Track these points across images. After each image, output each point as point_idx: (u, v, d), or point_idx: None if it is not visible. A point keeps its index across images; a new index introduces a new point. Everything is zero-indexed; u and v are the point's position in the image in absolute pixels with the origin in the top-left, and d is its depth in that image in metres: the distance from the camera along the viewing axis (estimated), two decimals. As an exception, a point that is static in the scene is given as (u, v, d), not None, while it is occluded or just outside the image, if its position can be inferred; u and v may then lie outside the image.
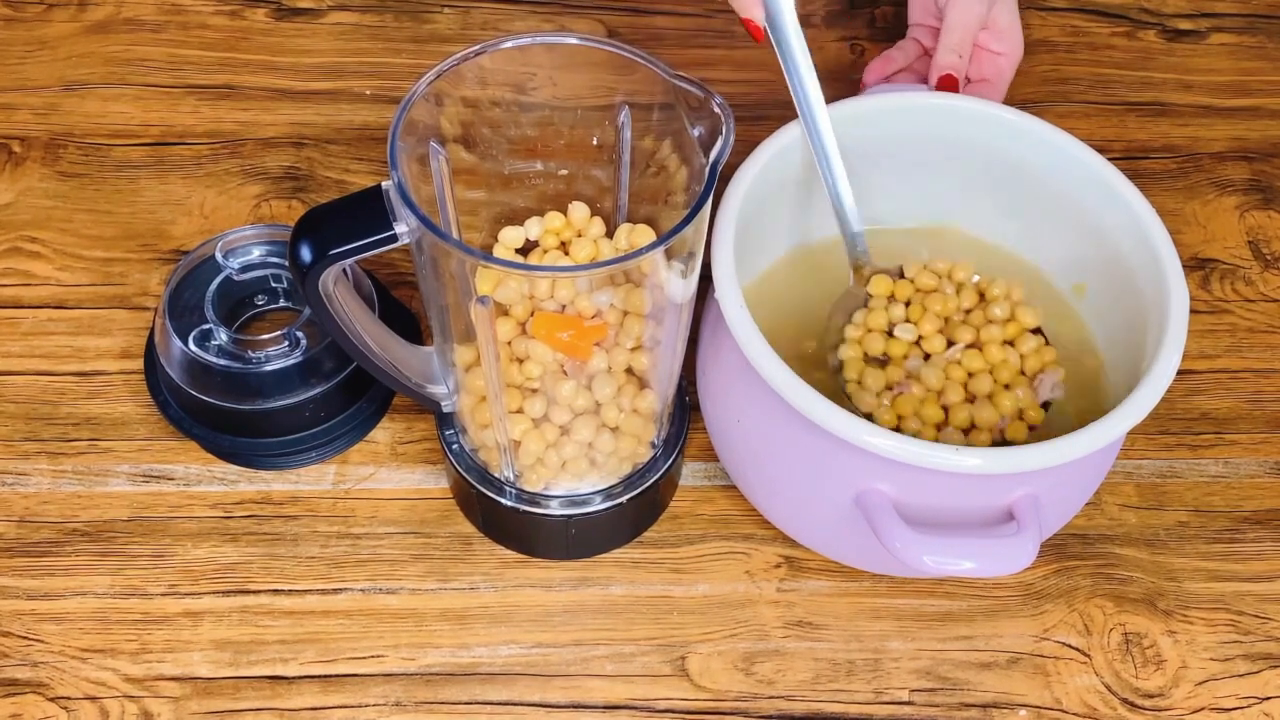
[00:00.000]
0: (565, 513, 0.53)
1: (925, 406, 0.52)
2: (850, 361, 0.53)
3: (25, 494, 0.57)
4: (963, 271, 0.55)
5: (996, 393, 0.52)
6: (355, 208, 0.44)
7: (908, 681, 0.54)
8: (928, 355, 0.53)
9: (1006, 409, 0.51)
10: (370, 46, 0.75)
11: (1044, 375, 0.53)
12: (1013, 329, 0.53)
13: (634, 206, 0.52)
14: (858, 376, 0.53)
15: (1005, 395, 0.52)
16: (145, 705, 0.52)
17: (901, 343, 0.53)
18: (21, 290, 0.64)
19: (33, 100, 0.72)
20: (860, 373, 0.53)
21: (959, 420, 0.51)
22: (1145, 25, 0.80)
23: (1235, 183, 0.72)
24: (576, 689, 0.53)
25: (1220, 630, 0.56)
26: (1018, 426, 0.52)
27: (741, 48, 0.77)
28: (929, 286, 0.54)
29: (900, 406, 0.52)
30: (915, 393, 0.52)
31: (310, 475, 0.58)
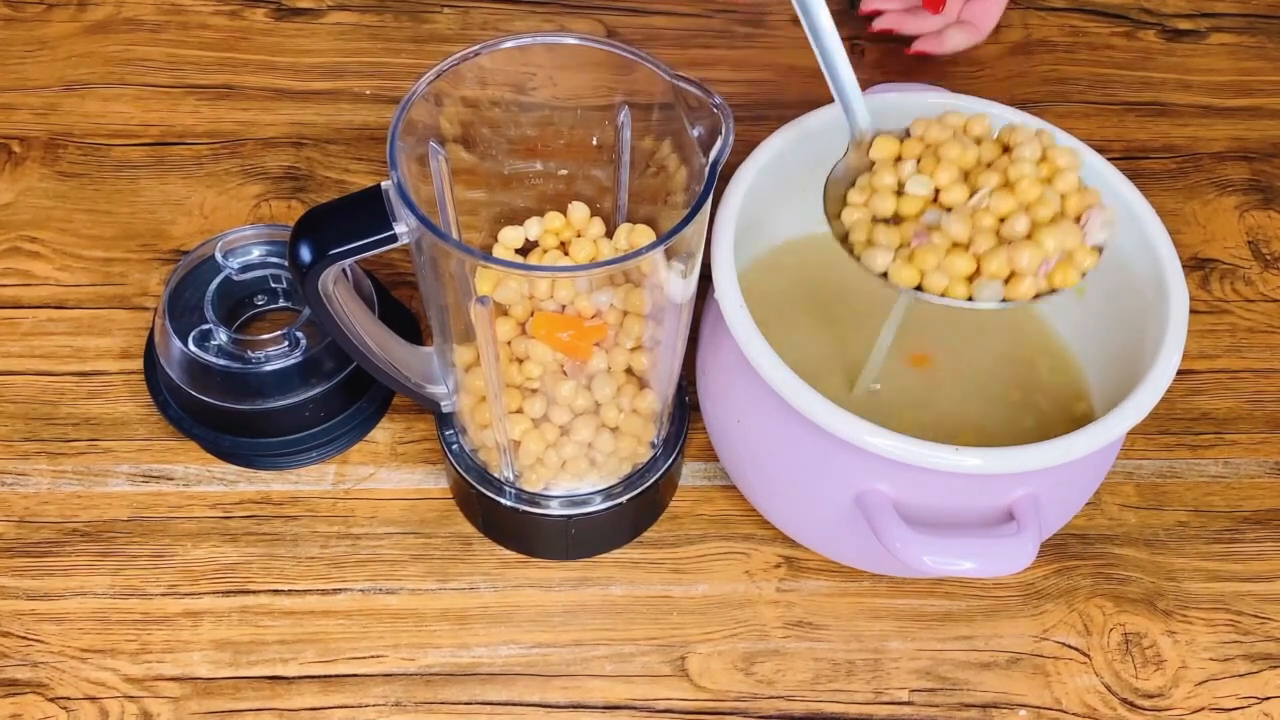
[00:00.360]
0: (565, 513, 0.53)
1: (952, 258, 0.44)
2: (857, 224, 0.46)
3: (25, 494, 0.57)
4: (980, 125, 0.47)
5: (1036, 232, 0.44)
6: (355, 208, 0.44)
7: (908, 681, 0.54)
8: (948, 210, 0.45)
9: (1049, 249, 0.44)
10: (370, 46, 0.75)
11: (1091, 213, 0.45)
12: (1047, 168, 0.45)
13: (634, 206, 0.52)
14: (867, 236, 0.46)
15: (1049, 231, 0.44)
16: (145, 705, 0.52)
17: (915, 199, 0.45)
18: (21, 290, 0.64)
19: (33, 100, 0.72)
20: (869, 232, 0.46)
21: (994, 269, 0.44)
22: (1145, 25, 0.80)
23: (1235, 183, 0.72)
24: (576, 689, 0.53)
25: (1220, 630, 0.56)
26: (1067, 271, 0.44)
27: (741, 47, 0.77)
28: (941, 139, 0.46)
29: (921, 260, 0.44)
30: (937, 243, 0.44)
31: (310, 475, 0.58)
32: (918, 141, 0.47)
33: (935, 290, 0.45)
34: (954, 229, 0.44)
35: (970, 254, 0.45)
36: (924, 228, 0.45)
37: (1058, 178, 0.45)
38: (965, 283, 0.45)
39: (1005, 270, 0.44)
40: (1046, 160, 0.46)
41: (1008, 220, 0.44)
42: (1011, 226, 0.44)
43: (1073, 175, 0.46)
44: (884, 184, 0.46)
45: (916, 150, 0.47)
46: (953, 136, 0.46)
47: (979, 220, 0.45)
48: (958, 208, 0.45)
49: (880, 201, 0.46)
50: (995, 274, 0.44)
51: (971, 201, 0.45)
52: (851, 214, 0.47)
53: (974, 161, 0.46)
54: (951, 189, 0.45)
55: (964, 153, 0.46)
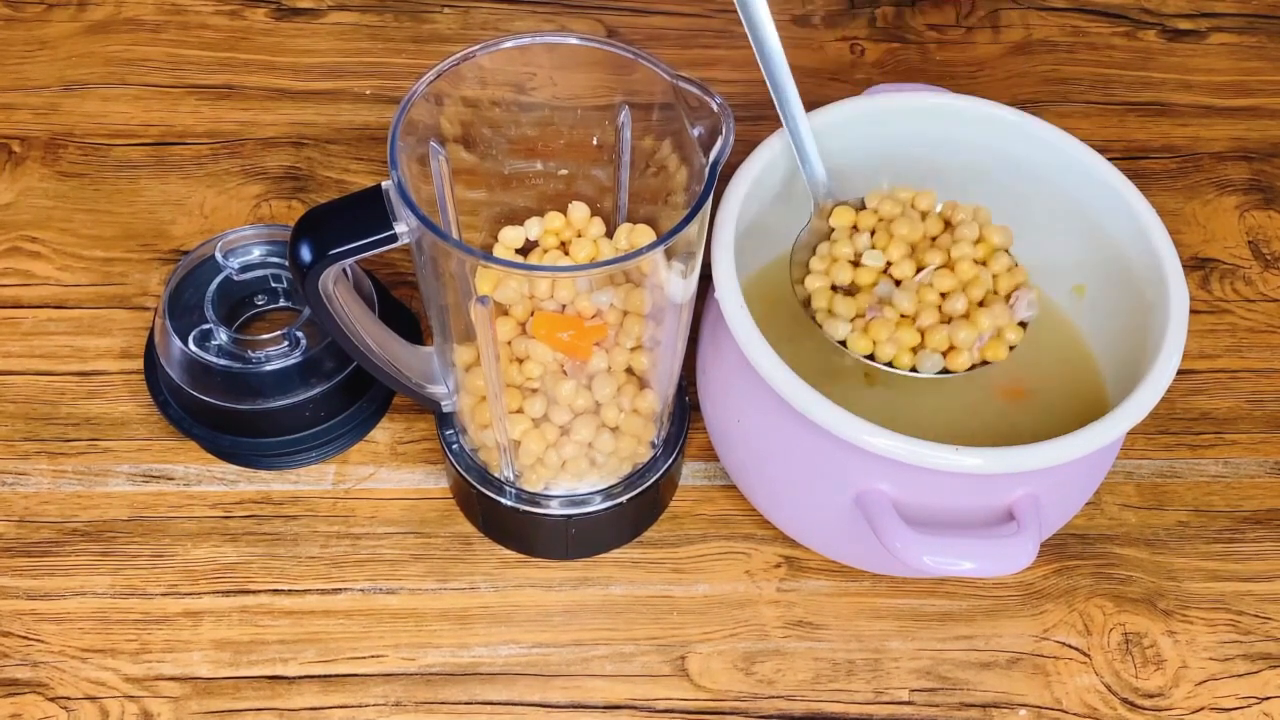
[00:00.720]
0: (565, 513, 0.53)
1: (900, 330, 0.50)
2: (818, 291, 0.52)
3: (25, 494, 0.57)
4: (926, 199, 0.53)
5: (972, 311, 0.50)
6: (355, 208, 0.44)
7: (908, 681, 0.54)
8: (898, 282, 0.51)
9: (984, 326, 0.50)
10: (370, 46, 0.75)
11: (1019, 293, 0.51)
12: (983, 249, 0.51)
13: (634, 206, 0.52)
14: (828, 305, 0.51)
15: (981, 313, 0.50)
16: (145, 705, 0.52)
17: (870, 270, 0.51)
18: (21, 290, 0.64)
19: (33, 100, 0.72)
20: (830, 301, 0.51)
21: (936, 342, 0.50)
22: (1145, 25, 0.80)
23: (1235, 183, 0.72)
24: (576, 689, 0.53)
25: (1220, 630, 0.56)
26: (996, 346, 0.50)
27: (741, 48, 0.77)
28: (893, 214, 0.53)
29: (874, 332, 0.50)
30: (888, 316, 0.50)
31: (310, 475, 0.58)
32: (872, 214, 0.53)
33: (884, 359, 0.50)
34: (902, 304, 0.50)
35: (915, 327, 0.50)
36: (876, 301, 0.51)
37: (992, 258, 0.51)
38: (910, 353, 0.50)
39: (945, 344, 0.50)
40: (983, 240, 0.52)
41: (949, 298, 0.50)
42: (952, 304, 0.50)
43: (1005, 257, 0.51)
44: (842, 254, 0.52)
45: (870, 222, 0.53)
46: (902, 212, 0.53)
47: (923, 296, 0.50)
48: (906, 283, 0.51)
49: (839, 272, 0.52)
50: (936, 347, 0.50)
51: (918, 278, 0.51)
52: (814, 281, 0.52)
53: (920, 236, 0.52)
54: (901, 264, 0.51)
55: (912, 229, 0.52)
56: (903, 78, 0.76)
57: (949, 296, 0.50)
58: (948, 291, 0.51)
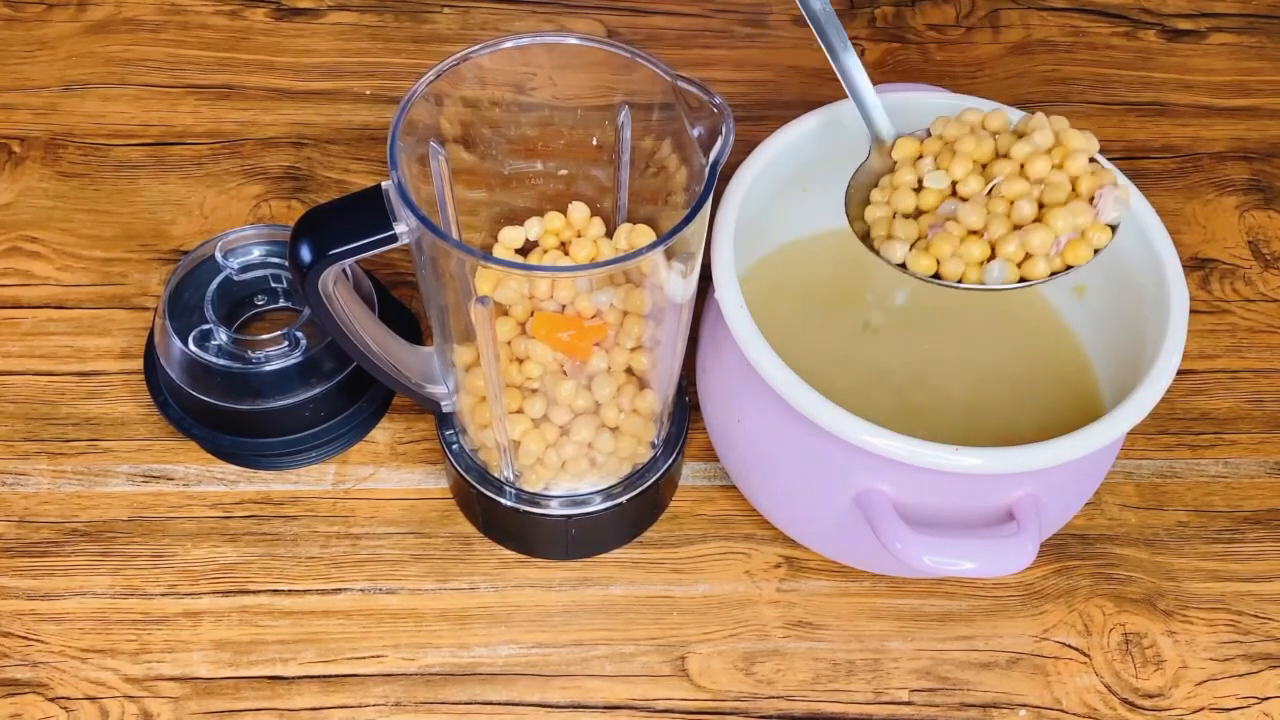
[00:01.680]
0: (565, 513, 0.53)
1: (966, 244, 0.46)
2: (878, 221, 0.48)
3: (25, 494, 0.57)
4: (998, 119, 0.49)
5: (1048, 213, 0.45)
6: (355, 208, 0.44)
7: (908, 681, 0.54)
8: (965, 200, 0.47)
9: (1061, 228, 0.45)
10: (370, 46, 0.75)
11: (1103, 192, 0.46)
12: (1059, 153, 0.46)
13: (634, 206, 0.52)
14: (887, 231, 0.48)
15: (1059, 213, 0.45)
16: (145, 705, 0.52)
17: (934, 192, 0.47)
18: (21, 290, 0.64)
19: (33, 100, 0.72)
20: (889, 227, 0.48)
21: (1009, 251, 0.45)
22: (1145, 25, 0.80)
23: (1235, 183, 0.72)
24: (576, 689, 0.53)
25: (1220, 630, 0.56)
26: (1079, 249, 0.46)
27: (741, 47, 0.77)
28: (960, 135, 0.48)
29: (937, 248, 0.46)
30: (952, 231, 0.46)
31: (310, 475, 0.58)
32: (937, 140, 0.49)
33: (951, 277, 0.46)
34: (968, 217, 0.46)
35: (985, 240, 0.46)
36: (941, 219, 0.46)
37: (1069, 160, 0.46)
38: (980, 268, 0.46)
39: (1019, 253, 0.45)
40: (1059, 145, 0.47)
41: (1017, 203, 0.46)
42: (1021, 210, 0.45)
43: (1083, 157, 0.46)
44: (904, 181, 0.48)
45: (936, 148, 0.48)
46: (969, 132, 0.48)
47: (993, 207, 0.46)
48: (973, 197, 0.46)
49: (901, 198, 0.48)
50: (1009, 257, 0.45)
51: (986, 190, 0.46)
52: (874, 211, 0.49)
53: (989, 154, 0.47)
54: (967, 180, 0.47)
55: (978, 146, 0.47)
56: (903, 78, 0.76)
57: (1018, 202, 0.46)
58: (1017, 197, 0.46)
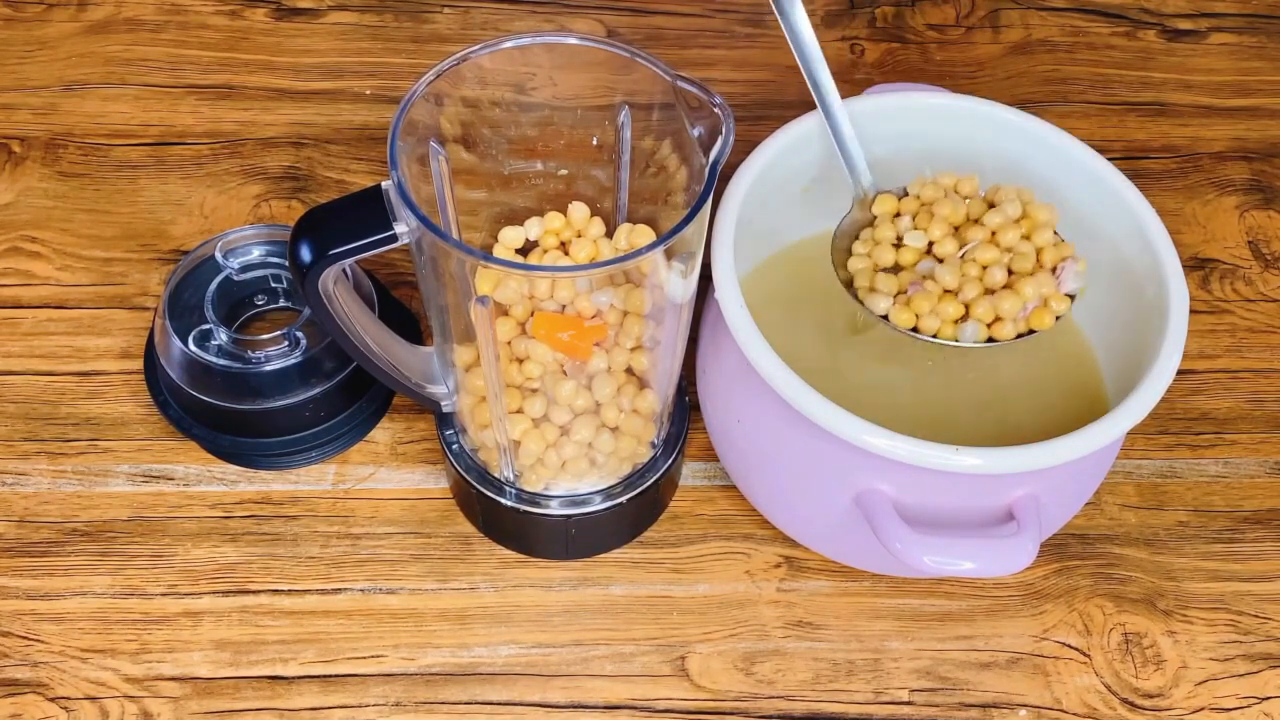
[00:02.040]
0: (565, 513, 0.53)
1: (942, 303, 0.50)
2: (861, 272, 0.52)
3: (25, 494, 0.57)
4: (969, 185, 0.53)
5: (1016, 281, 0.50)
6: (355, 208, 0.44)
7: (908, 681, 0.54)
8: (940, 260, 0.51)
9: (1028, 295, 0.49)
10: (370, 46, 0.75)
11: (1065, 264, 0.50)
12: (1027, 225, 0.51)
13: (634, 206, 0.52)
14: (870, 283, 0.51)
15: (1026, 281, 0.49)
16: (145, 705, 0.52)
17: (912, 250, 0.51)
18: (21, 290, 0.64)
19: (33, 100, 0.72)
20: (872, 280, 0.51)
21: (980, 313, 0.50)
22: (1145, 25, 0.80)
23: (1235, 183, 0.72)
24: (576, 689, 0.53)
25: (1220, 630, 0.56)
26: (1042, 315, 0.50)
27: (742, 47, 0.77)
28: (935, 198, 0.52)
29: (916, 305, 0.50)
30: (931, 290, 0.50)
31: (310, 475, 0.58)
32: (914, 200, 0.53)
33: (928, 331, 0.50)
34: (945, 278, 0.50)
35: (959, 300, 0.50)
36: (919, 277, 0.51)
37: (1036, 233, 0.51)
38: (954, 325, 0.50)
39: (990, 315, 0.50)
40: (1027, 217, 0.51)
41: (989, 269, 0.50)
42: (993, 276, 0.50)
43: (1048, 231, 0.51)
44: (885, 237, 0.52)
45: (913, 207, 0.53)
46: (944, 195, 0.52)
47: (967, 270, 0.50)
48: (948, 259, 0.51)
49: (881, 253, 0.52)
50: (980, 318, 0.50)
51: (960, 253, 0.51)
52: (856, 263, 0.52)
53: (963, 217, 0.52)
54: (944, 242, 0.51)
55: (954, 210, 0.51)
56: (903, 78, 0.76)
57: (990, 268, 0.50)
58: (990, 263, 0.50)
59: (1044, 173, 0.55)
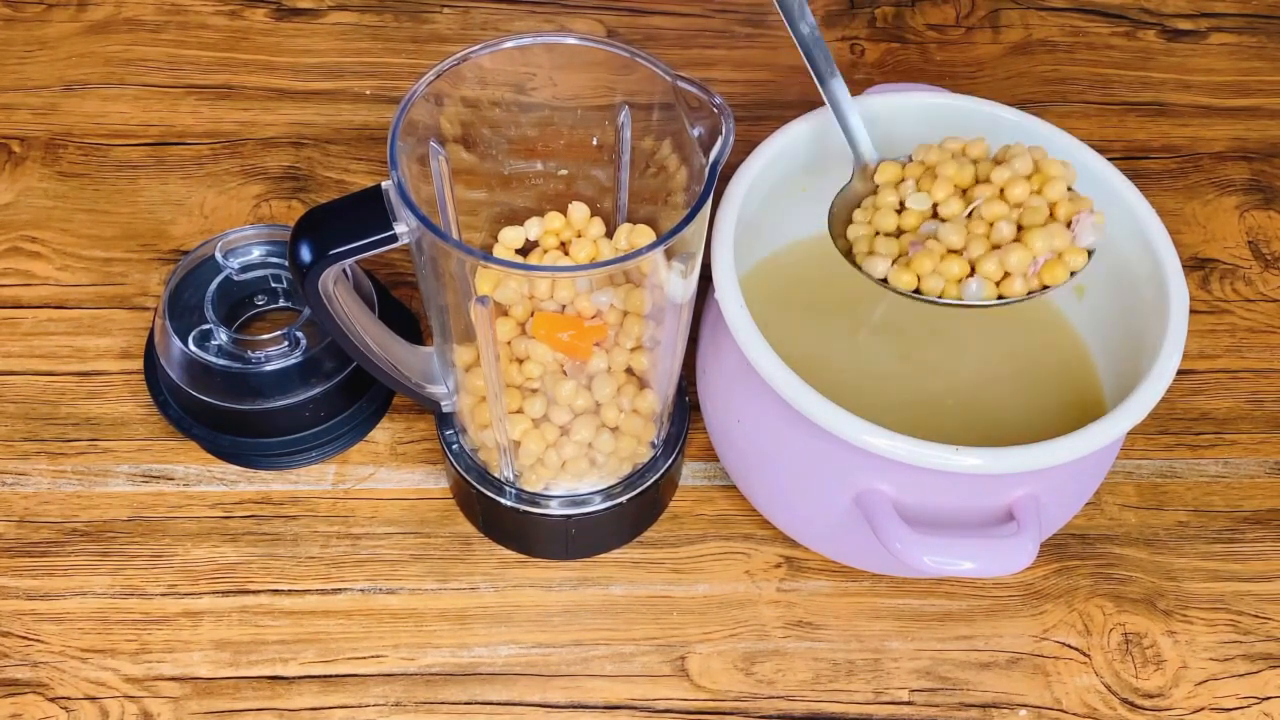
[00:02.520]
0: (565, 513, 0.53)
1: (946, 262, 0.47)
2: (860, 239, 0.49)
3: (25, 494, 0.57)
4: (978, 148, 0.50)
5: (1026, 234, 0.47)
6: (355, 208, 0.44)
7: (908, 681, 0.54)
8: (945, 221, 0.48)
9: (1039, 248, 0.46)
10: (370, 46, 0.75)
11: (1080, 217, 0.47)
12: (1038, 179, 0.48)
13: (634, 206, 0.52)
14: (869, 248, 0.49)
15: (1036, 234, 0.46)
16: (145, 705, 0.52)
17: (915, 214, 0.48)
18: (21, 290, 0.64)
19: (33, 100, 0.72)
20: (871, 244, 0.49)
21: (988, 270, 0.46)
22: (1145, 25, 0.80)
23: (1235, 183, 0.72)
24: (576, 689, 0.53)
25: (1220, 630, 0.56)
26: (1056, 269, 0.47)
27: (742, 47, 0.77)
28: (941, 160, 0.50)
29: (918, 264, 0.47)
30: (933, 248, 0.47)
31: (310, 475, 0.58)
32: (918, 165, 0.50)
33: (931, 293, 0.47)
34: (949, 237, 0.47)
35: (964, 258, 0.47)
36: (921, 238, 0.48)
37: (1048, 186, 0.48)
38: (959, 285, 0.47)
39: (998, 272, 0.47)
40: (1039, 172, 0.48)
41: (996, 224, 0.47)
42: (999, 231, 0.47)
43: (1062, 184, 0.48)
44: (887, 203, 0.50)
45: (917, 172, 0.50)
46: (950, 158, 0.49)
47: (973, 228, 0.47)
48: (953, 219, 0.48)
49: (883, 218, 0.49)
50: (988, 275, 0.47)
51: (966, 212, 0.48)
52: (856, 230, 0.50)
53: (970, 179, 0.49)
54: (948, 202, 0.48)
55: (960, 171, 0.49)
56: (903, 78, 0.76)
57: (997, 223, 0.47)
58: (997, 219, 0.47)
59: (1044, 172, 0.55)
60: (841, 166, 0.54)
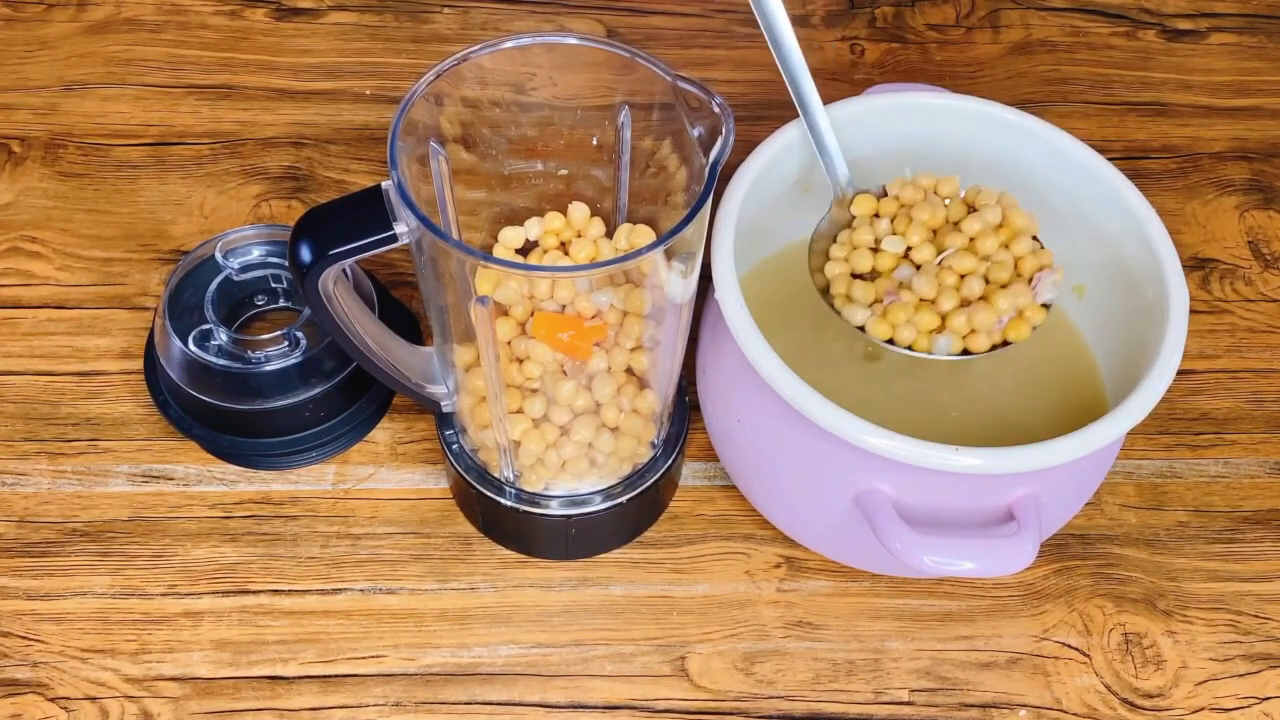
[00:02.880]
0: (565, 513, 0.53)
1: (919, 314, 0.49)
2: (837, 278, 0.52)
3: (25, 494, 0.57)
4: (949, 185, 0.52)
5: (992, 292, 0.50)
6: (355, 208, 0.44)
7: (908, 681, 0.54)
8: (918, 266, 0.51)
9: (1002, 309, 0.49)
10: (370, 46, 0.75)
11: (1041, 275, 0.50)
12: (1006, 233, 0.51)
13: (634, 206, 0.52)
14: (845, 291, 0.51)
15: (1001, 294, 0.49)
16: (145, 705, 0.52)
17: (889, 255, 0.51)
18: (21, 290, 0.64)
19: (33, 100, 0.72)
20: (848, 287, 0.51)
21: (956, 326, 0.49)
22: (1145, 25, 0.80)
23: (1235, 183, 0.72)
24: (576, 689, 0.53)
25: (1220, 630, 0.56)
26: (1019, 326, 0.50)
27: (742, 47, 0.77)
28: (915, 200, 0.52)
29: (892, 315, 0.49)
30: (906, 300, 0.50)
31: (310, 475, 0.58)
32: (893, 200, 0.52)
33: (904, 343, 0.50)
34: (922, 288, 0.49)
35: (935, 311, 0.49)
36: (895, 285, 0.50)
37: (1014, 241, 0.50)
38: (929, 336, 0.50)
39: (966, 327, 0.50)
40: (1006, 224, 0.51)
41: (966, 280, 0.50)
42: (970, 287, 0.49)
43: (1027, 238, 0.50)
44: (862, 241, 0.52)
45: (892, 209, 0.52)
46: (924, 197, 0.52)
47: (944, 279, 0.50)
48: (926, 266, 0.50)
49: (859, 259, 0.51)
50: (956, 330, 0.49)
51: (937, 260, 0.50)
52: (833, 269, 0.52)
53: (942, 220, 0.51)
54: (921, 248, 0.51)
55: (933, 214, 0.51)
56: (903, 78, 0.76)
57: (968, 279, 0.50)
58: (967, 273, 0.50)
59: (1044, 173, 0.55)
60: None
